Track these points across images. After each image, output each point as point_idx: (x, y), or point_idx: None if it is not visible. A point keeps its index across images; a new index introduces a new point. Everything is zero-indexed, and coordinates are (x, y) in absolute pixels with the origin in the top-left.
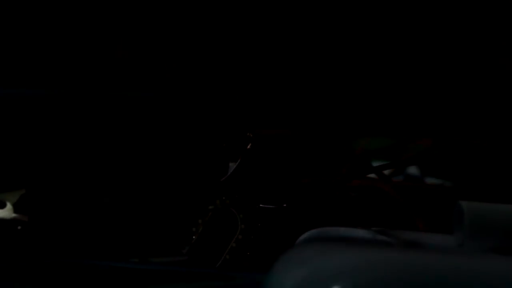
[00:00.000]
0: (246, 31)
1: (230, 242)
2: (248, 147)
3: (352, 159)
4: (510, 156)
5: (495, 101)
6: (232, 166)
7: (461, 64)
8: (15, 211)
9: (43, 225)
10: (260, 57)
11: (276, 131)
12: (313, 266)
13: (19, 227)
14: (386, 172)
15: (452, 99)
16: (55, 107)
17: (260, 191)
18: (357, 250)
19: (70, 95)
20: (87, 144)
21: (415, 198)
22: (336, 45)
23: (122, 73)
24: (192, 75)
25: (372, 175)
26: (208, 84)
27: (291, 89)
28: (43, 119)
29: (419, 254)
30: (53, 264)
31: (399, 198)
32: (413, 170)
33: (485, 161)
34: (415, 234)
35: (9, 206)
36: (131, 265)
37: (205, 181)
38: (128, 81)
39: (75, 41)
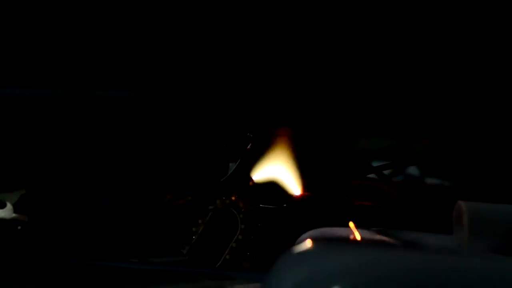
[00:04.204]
0: (246, 31)
1: (230, 242)
2: (248, 147)
3: (352, 159)
4: (510, 156)
5: (495, 101)
6: (232, 166)
7: (461, 64)
8: (15, 211)
9: (43, 225)
10: (260, 57)
11: (276, 131)
12: (313, 266)
13: (19, 227)
14: (386, 172)
15: (452, 99)
16: (55, 107)
17: (260, 191)
18: (357, 250)
19: (70, 95)
20: (87, 144)
21: (415, 198)
22: (336, 45)
23: (122, 73)
24: (192, 76)
25: (372, 175)
26: (208, 84)
27: (291, 89)
28: (43, 119)
29: (419, 254)
30: (53, 264)
31: (399, 198)
32: (413, 170)
33: (485, 161)
34: (415, 234)
35: (9, 206)
36: (131, 265)
37: (205, 181)
38: (128, 81)
39: (75, 41)
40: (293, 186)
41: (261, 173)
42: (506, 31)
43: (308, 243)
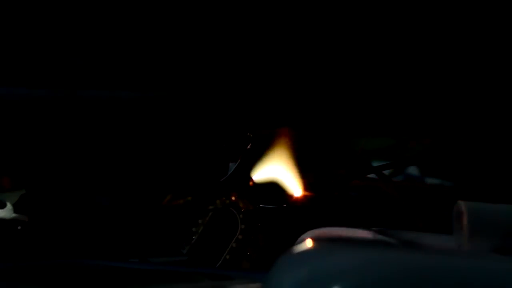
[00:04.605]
0: (245, 31)
1: (230, 242)
2: (248, 147)
3: (352, 159)
4: (510, 156)
5: (495, 101)
6: (232, 166)
7: (461, 64)
8: (15, 211)
9: (43, 225)
10: (260, 57)
11: (276, 131)
12: (313, 266)
13: (19, 227)
14: (386, 172)
15: (452, 99)
16: (55, 107)
17: (260, 191)
18: (357, 250)
19: (70, 95)
20: (87, 144)
21: (415, 198)
22: (336, 44)
23: (121, 73)
24: (192, 75)
25: (372, 175)
26: (208, 84)
27: (291, 89)
28: (44, 119)
29: (419, 254)
30: (53, 264)
31: (399, 198)
32: (413, 170)
33: (485, 161)
34: (415, 234)
35: (9, 206)
36: (131, 265)
37: (205, 181)
38: (128, 81)
39: (74, 41)
40: (293, 186)
41: (261, 173)
42: (506, 31)
43: (308, 243)
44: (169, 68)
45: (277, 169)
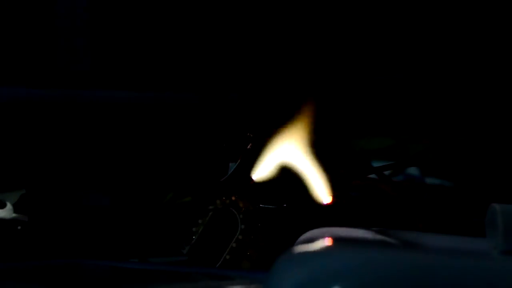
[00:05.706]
0: (246, 32)
1: (230, 242)
2: (248, 147)
3: (352, 159)
4: (510, 156)
5: (495, 101)
6: (232, 166)
7: (461, 64)
8: (15, 211)
9: (43, 225)
10: (259, 58)
11: (277, 131)
12: (313, 266)
13: (19, 227)
14: (386, 172)
15: (452, 100)
16: (55, 107)
17: (260, 191)
18: (357, 250)
19: (71, 96)
20: (87, 144)
21: (415, 198)
22: (336, 45)
23: (122, 73)
24: (192, 76)
25: (372, 175)
26: (208, 84)
27: (291, 89)
28: (44, 119)
29: (420, 255)
30: (53, 264)
31: (399, 198)
32: (413, 170)
33: (486, 161)
34: (453, 238)
35: (9, 206)
36: (131, 265)
37: (205, 181)
38: (128, 81)
39: (74, 41)
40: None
41: (261, 173)
42: (506, 31)
43: (308, 243)
44: (169, 68)
45: (277, 169)
